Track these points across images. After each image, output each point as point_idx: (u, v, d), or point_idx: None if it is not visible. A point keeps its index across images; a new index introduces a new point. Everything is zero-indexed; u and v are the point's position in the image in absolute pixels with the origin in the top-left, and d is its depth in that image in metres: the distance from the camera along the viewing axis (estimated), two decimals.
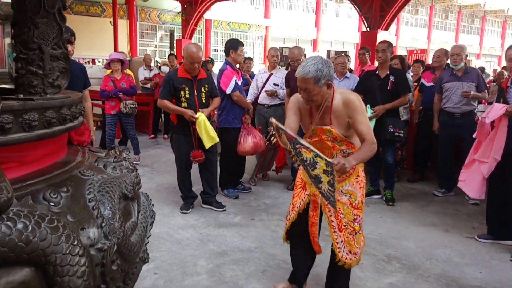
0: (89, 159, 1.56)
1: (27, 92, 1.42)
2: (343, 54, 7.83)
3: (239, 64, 4.72)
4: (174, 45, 14.61)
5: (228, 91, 4.34)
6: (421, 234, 3.73)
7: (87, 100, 3.77)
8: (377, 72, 4.52)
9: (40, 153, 1.35)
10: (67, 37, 1.46)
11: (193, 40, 15.33)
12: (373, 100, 4.38)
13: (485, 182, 3.54)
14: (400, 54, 6.35)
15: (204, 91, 3.96)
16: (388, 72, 4.42)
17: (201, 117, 3.80)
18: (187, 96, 3.86)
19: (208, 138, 3.88)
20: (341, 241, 2.34)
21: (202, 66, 4.29)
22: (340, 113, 2.28)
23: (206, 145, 3.88)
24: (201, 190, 4.25)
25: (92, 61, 15.04)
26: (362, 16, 10.81)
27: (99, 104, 7.48)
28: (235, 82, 4.36)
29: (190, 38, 14.73)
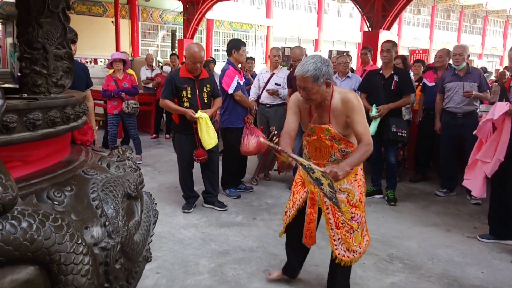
0: (93, 158, 1.57)
1: (31, 92, 1.43)
2: (345, 54, 7.84)
3: (241, 64, 4.72)
4: (176, 45, 14.63)
5: (230, 91, 4.35)
6: (423, 234, 3.73)
7: (89, 100, 3.79)
8: (381, 71, 4.51)
9: (44, 152, 1.35)
10: (71, 37, 1.47)
11: (195, 40, 15.34)
12: (376, 100, 4.38)
13: (485, 182, 3.55)
14: (402, 54, 6.35)
15: (206, 91, 3.97)
16: (392, 72, 4.41)
17: (201, 116, 3.81)
18: (189, 96, 3.87)
19: (208, 139, 3.89)
20: (338, 239, 2.39)
21: (204, 66, 4.29)
22: (339, 112, 2.30)
23: (205, 146, 3.89)
24: (203, 190, 4.25)
25: (94, 61, 15.07)
26: (364, 16, 10.80)
27: (101, 103, 7.51)
28: (237, 82, 4.37)
29: (192, 38, 14.75)
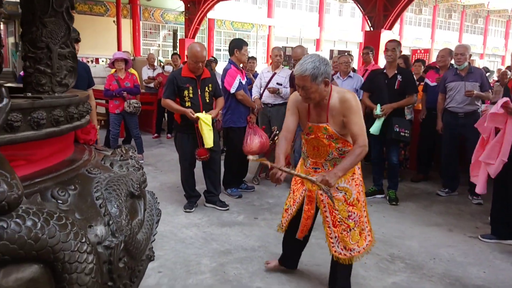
0: (96, 157, 1.57)
1: (35, 91, 1.43)
2: (346, 53, 7.83)
3: (243, 63, 4.73)
4: (177, 44, 14.63)
5: (233, 91, 4.35)
6: (424, 233, 3.73)
7: (91, 99, 3.80)
8: (384, 71, 4.51)
9: (48, 151, 1.36)
10: (75, 36, 1.48)
11: (196, 39, 15.31)
12: (379, 99, 4.38)
13: (487, 180, 3.56)
14: (404, 54, 6.34)
15: (208, 91, 3.97)
16: (396, 72, 4.41)
17: (200, 117, 3.80)
18: (191, 95, 3.87)
19: (209, 139, 3.89)
20: (335, 237, 2.43)
21: (206, 66, 4.30)
22: (336, 111, 2.31)
23: (205, 145, 3.90)
24: (205, 189, 4.26)
25: (96, 60, 15.09)
26: (365, 16, 10.78)
27: (103, 103, 7.51)
28: (239, 81, 4.37)
29: (193, 37, 14.73)
